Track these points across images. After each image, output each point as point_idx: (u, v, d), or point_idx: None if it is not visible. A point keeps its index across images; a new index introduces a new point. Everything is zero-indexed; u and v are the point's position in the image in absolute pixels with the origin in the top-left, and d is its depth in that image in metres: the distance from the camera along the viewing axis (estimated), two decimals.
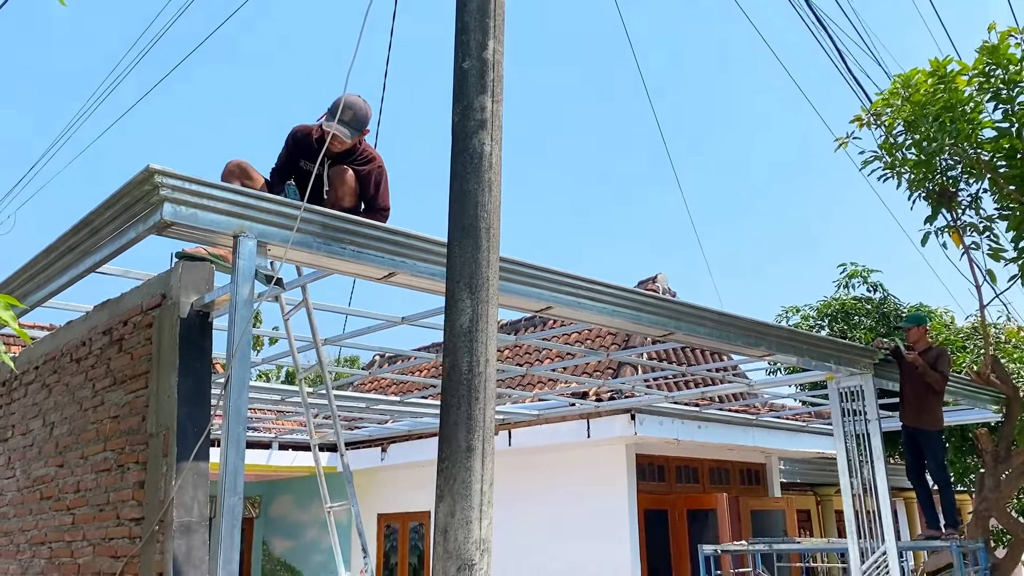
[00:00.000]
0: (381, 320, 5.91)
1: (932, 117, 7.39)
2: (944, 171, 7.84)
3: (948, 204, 7.85)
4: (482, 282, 3.74)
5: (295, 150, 4.74)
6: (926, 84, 7.41)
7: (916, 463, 7.85)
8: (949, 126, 7.28)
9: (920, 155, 7.62)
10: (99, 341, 4.68)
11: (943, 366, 7.45)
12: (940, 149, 7.48)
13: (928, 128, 7.39)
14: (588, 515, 10.20)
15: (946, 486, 7.74)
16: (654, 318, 5.56)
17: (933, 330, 13.36)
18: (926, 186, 7.88)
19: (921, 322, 7.87)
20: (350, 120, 4.59)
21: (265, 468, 13.06)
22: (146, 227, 3.70)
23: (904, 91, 7.61)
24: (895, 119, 7.83)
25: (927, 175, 7.78)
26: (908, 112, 7.53)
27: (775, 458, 12.45)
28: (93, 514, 4.31)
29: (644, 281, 12.18)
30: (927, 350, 7.66)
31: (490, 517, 3.66)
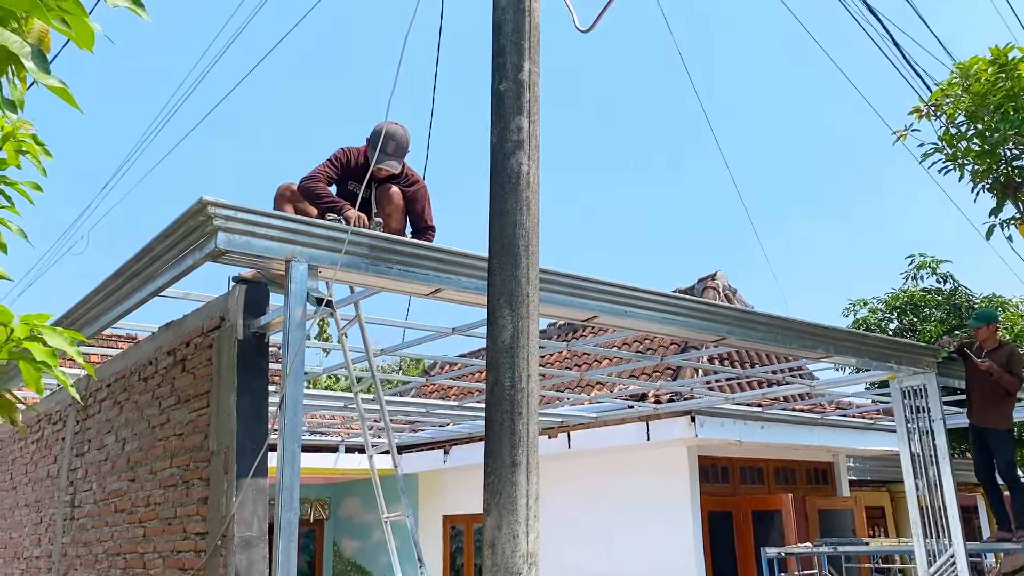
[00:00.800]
0: (433, 331, 6.04)
1: (994, 107, 7.18)
2: (1009, 161, 7.60)
3: (1014, 196, 7.61)
4: (522, 299, 3.81)
5: (344, 173, 4.89)
6: (987, 73, 7.20)
7: (984, 462, 7.63)
8: (1012, 115, 7.08)
9: (983, 146, 7.41)
10: (164, 361, 4.91)
11: (1016, 367, 7.23)
12: (1004, 139, 7.26)
13: (990, 118, 7.19)
14: (650, 517, 10.18)
15: (1016, 486, 7.50)
16: (704, 324, 5.56)
17: (1008, 321, 12.94)
18: (990, 177, 7.66)
19: (990, 320, 7.62)
20: (394, 151, 4.76)
21: (333, 471, 13.38)
22: (202, 255, 3.88)
23: (964, 81, 7.41)
24: (956, 110, 7.63)
25: (991, 166, 7.56)
26: (968, 102, 7.34)
27: (843, 456, 12.20)
28: (162, 527, 4.53)
29: (704, 279, 12.07)
30: (996, 349, 7.43)
31: (537, 531, 3.73)
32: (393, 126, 4.81)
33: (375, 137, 4.80)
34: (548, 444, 10.85)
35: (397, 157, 4.79)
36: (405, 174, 4.96)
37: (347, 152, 4.91)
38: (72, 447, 6.19)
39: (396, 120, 4.89)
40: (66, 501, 6.06)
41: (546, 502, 11.68)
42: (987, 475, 7.69)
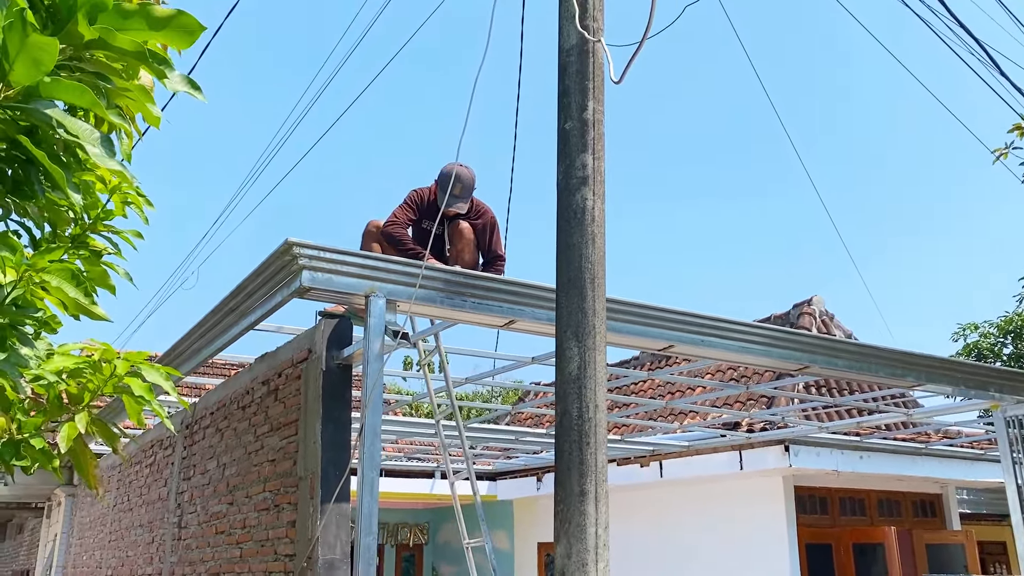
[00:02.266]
0: (513, 360, 6.18)
1: None
2: None
3: None
4: (588, 330, 3.91)
5: (419, 213, 5.15)
6: None
7: None
8: None
9: None
10: (259, 391, 5.22)
11: None
12: None
13: None
14: (745, 548, 9.97)
15: None
16: (785, 352, 5.50)
17: None
18: None
19: None
20: (460, 192, 4.99)
21: (430, 497, 13.64)
22: (289, 292, 4.15)
23: None
24: None
25: None
26: None
27: (952, 488, 11.63)
28: (256, 549, 4.80)
29: (799, 304, 11.81)
30: None
31: (607, 560, 3.78)
32: (459, 168, 5.05)
33: (443, 180, 5.05)
34: (640, 472, 10.80)
35: (464, 198, 5.03)
36: (475, 207, 5.19)
37: (419, 193, 5.17)
38: (180, 471, 6.60)
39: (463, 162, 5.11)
40: (174, 523, 6.47)
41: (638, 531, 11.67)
42: None
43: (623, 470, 11.07)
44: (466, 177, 5.05)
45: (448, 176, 5.00)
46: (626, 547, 11.56)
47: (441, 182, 5.08)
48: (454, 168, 5.04)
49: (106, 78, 1.45)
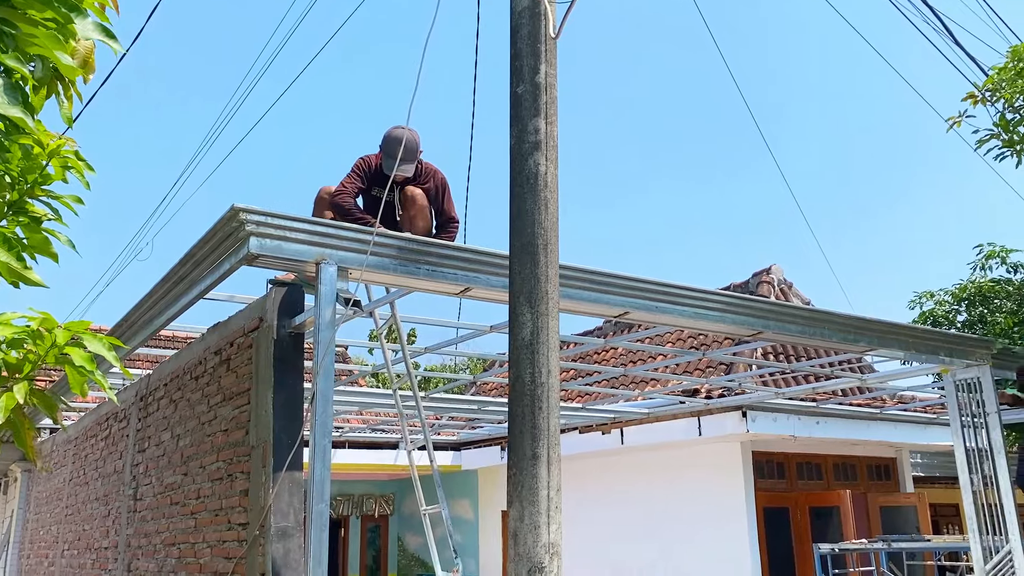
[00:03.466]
0: (471, 329, 6.16)
1: None
2: None
3: None
4: (541, 296, 3.91)
5: (367, 180, 5.08)
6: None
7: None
8: None
9: None
10: (211, 361, 5.16)
11: None
12: None
13: None
14: (705, 512, 10.14)
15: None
16: (739, 318, 5.55)
17: None
18: None
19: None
20: (405, 156, 4.91)
21: (395, 467, 13.64)
22: (237, 259, 4.08)
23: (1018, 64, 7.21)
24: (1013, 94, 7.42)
25: None
26: (1021, 86, 7.13)
27: (906, 452, 11.91)
28: (210, 519, 4.77)
29: (758, 273, 11.93)
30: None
31: (558, 522, 3.81)
32: (401, 131, 4.99)
33: (387, 145, 4.99)
34: (601, 440, 10.90)
35: (409, 160, 4.95)
36: (422, 169, 5.13)
37: (366, 161, 5.11)
38: (135, 443, 6.53)
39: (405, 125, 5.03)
40: (129, 495, 6.40)
41: (599, 497, 11.81)
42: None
43: (585, 438, 11.16)
44: (409, 140, 4.98)
45: (391, 140, 4.94)
46: (588, 513, 11.69)
47: (385, 147, 5.02)
48: (396, 132, 4.98)
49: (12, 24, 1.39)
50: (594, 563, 11.37)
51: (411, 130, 5.05)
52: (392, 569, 16.19)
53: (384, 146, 5.02)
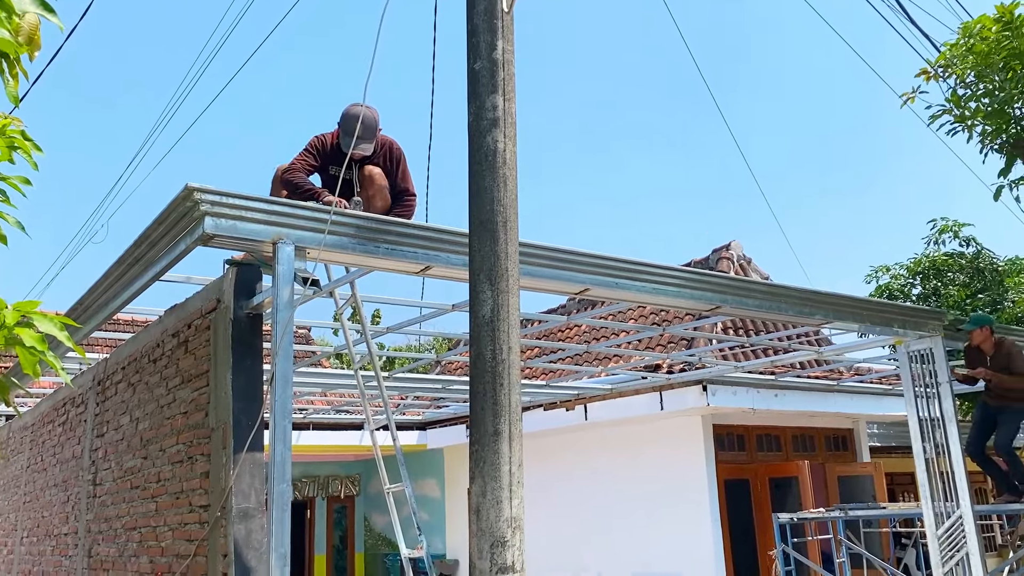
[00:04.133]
0: (433, 308, 6.16)
1: (1001, 65, 7.10)
2: (1018, 120, 7.51)
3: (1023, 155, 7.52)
4: (501, 273, 3.91)
5: (322, 160, 5.02)
6: (991, 32, 7.11)
7: (980, 440, 7.76)
8: (1020, 73, 6.99)
9: (992, 105, 7.32)
10: (170, 343, 5.10)
11: (1018, 364, 7.30)
12: (1010, 98, 7.19)
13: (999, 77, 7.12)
14: (667, 485, 10.29)
15: (1013, 457, 7.59)
16: (697, 293, 5.61)
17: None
18: (1000, 138, 7.57)
19: (983, 323, 7.54)
20: (364, 134, 4.87)
21: (360, 448, 13.62)
22: (192, 240, 4.03)
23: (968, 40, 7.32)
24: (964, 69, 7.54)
25: (1000, 126, 7.48)
26: (973, 62, 7.25)
27: (862, 423, 12.18)
28: (171, 502, 4.73)
29: (718, 249, 12.05)
30: (996, 350, 7.47)
31: (520, 496, 3.84)
32: (359, 108, 4.93)
33: (345, 122, 4.93)
34: (565, 416, 10.99)
35: (367, 139, 4.91)
36: (379, 144, 5.09)
37: (321, 139, 5.05)
38: (93, 428, 6.44)
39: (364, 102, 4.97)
40: (89, 480, 6.32)
41: (565, 472, 11.92)
42: (977, 450, 7.78)
43: (549, 414, 11.25)
44: (368, 117, 4.92)
45: (349, 118, 4.89)
46: (553, 488, 11.80)
47: (343, 125, 4.96)
48: (354, 109, 4.92)
49: None
50: (558, 538, 11.51)
51: (370, 108, 5.00)
52: (359, 549, 16.22)
53: (342, 123, 4.97)
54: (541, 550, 11.42)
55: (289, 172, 4.87)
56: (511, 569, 3.68)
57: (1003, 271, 13.88)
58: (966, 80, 7.61)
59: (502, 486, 3.79)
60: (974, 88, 7.50)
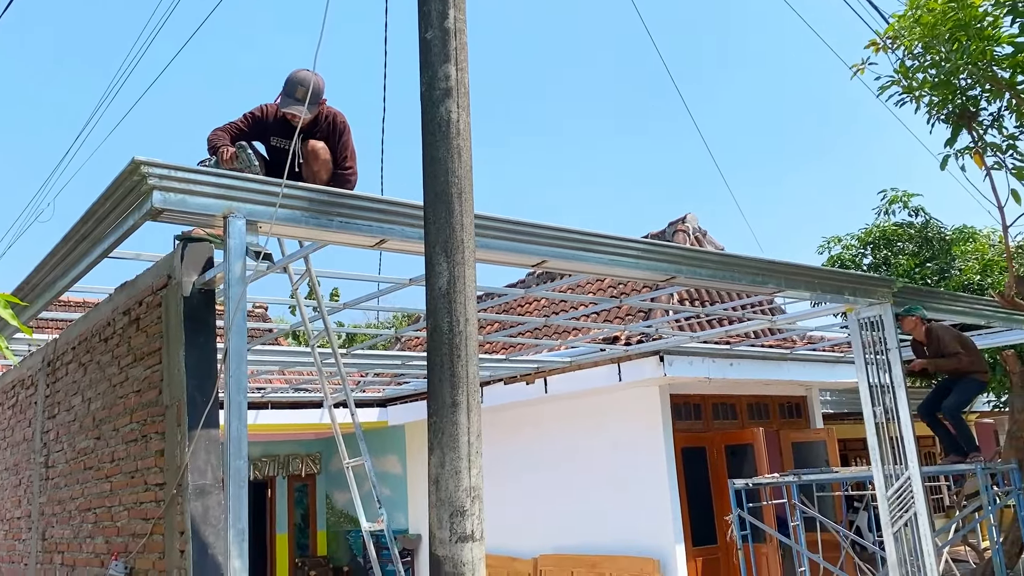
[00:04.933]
0: (391, 283, 6.13)
1: (947, 37, 7.22)
2: (963, 91, 7.66)
3: (969, 125, 7.67)
4: (457, 245, 3.91)
5: (264, 129, 4.92)
6: (938, 3, 7.22)
7: (935, 402, 8.04)
8: (965, 44, 7.12)
9: (939, 76, 7.45)
10: (120, 321, 5.01)
11: (949, 346, 7.60)
12: (956, 69, 7.32)
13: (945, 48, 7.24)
14: (626, 455, 10.43)
15: (959, 421, 7.86)
16: (653, 264, 5.66)
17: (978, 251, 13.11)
18: (946, 108, 7.72)
19: (911, 312, 7.80)
20: (303, 96, 4.77)
21: (320, 426, 13.57)
22: (140, 215, 3.95)
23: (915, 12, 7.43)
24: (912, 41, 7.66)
25: (947, 97, 7.62)
26: (920, 33, 7.37)
27: (815, 390, 12.45)
28: (126, 481, 4.68)
29: (674, 222, 12.15)
30: (928, 339, 7.75)
31: (479, 466, 3.86)
32: (303, 72, 4.84)
33: (287, 85, 4.83)
34: (526, 390, 11.05)
35: (310, 102, 4.79)
36: (324, 117, 5.00)
37: (263, 108, 4.95)
38: (44, 410, 6.32)
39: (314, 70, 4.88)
40: (40, 462, 6.21)
41: (526, 445, 12.01)
42: (929, 411, 8.05)
43: (510, 388, 11.30)
44: (310, 81, 4.81)
45: (292, 81, 4.78)
46: (515, 461, 11.90)
47: (285, 88, 4.84)
48: (300, 73, 4.81)
49: None
50: (519, 509, 11.62)
51: (316, 74, 4.90)
52: (321, 527, 16.20)
53: (285, 86, 4.85)
54: (502, 522, 11.52)
55: (213, 132, 4.74)
56: (471, 538, 3.71)
57: (951, 240, 14.24)
58: (914, 51, 7.73)
59: (461, 456, 3.81)
60: (921, 59, 7.62)
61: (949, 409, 7.90)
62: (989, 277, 12.37)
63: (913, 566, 6.98)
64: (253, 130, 4.94)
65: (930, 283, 13.17)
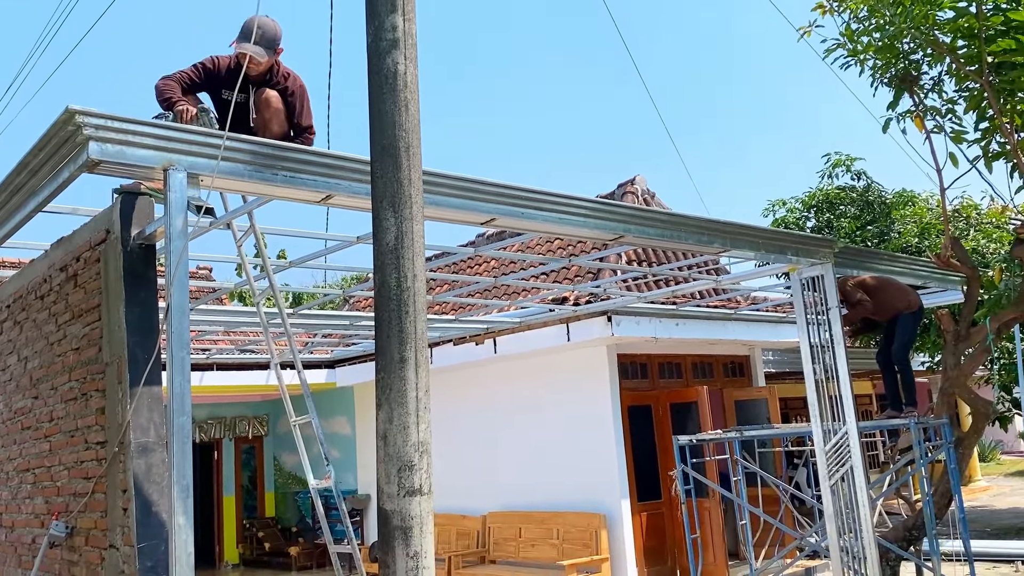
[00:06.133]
0: (338, 240, 6.06)
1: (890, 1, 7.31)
2: (906, 55, 7.78)
3: (910, 88, 7.82)
4: (405, 200, 3.87)
5: (215, 82, 4.79)
6: None
7: (886, 348, 8.25)
8: (908, 8, 7.21)
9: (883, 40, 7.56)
10: (57, 278, 4.87)
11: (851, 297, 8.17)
12: (899, 33, 7.42)
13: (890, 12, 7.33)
14: (574, 414, 10.57)
15: (906, 367, 8.08)
16: (601, 223, 5.68)
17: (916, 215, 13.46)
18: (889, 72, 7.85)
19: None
20: (260, 40, 4.64)
21: (267, 388, 13.45)
22: (76, 166, 3.82)
23: None
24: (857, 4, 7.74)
25: (890, 60, 7.74)
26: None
27: (758, 350, 12.72)
28: (66, 440, 4.58)
29: (623, 183, 12.21)
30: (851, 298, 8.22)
31: (427, 422, 3.87)
32: (262, 18, 4.70)
33: (242, 29, 4.69)
34: (475, 350, 11.08)
35: (265, 47, 4.67)
36: (280, 72, 4.88)
37: (214, 60, 4.80)
38: None
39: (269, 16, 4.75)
40: None
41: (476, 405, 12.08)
42: (885, 359, 8.27)
43: (459, 349, 11.32)
44: (268, 26, 4.67)
45: (247, 24, 4.61)
46: (465, 420, 11.96)
47: (241, 32, 4.69)
48: (257, 18, 4.66)
49: None
50: (470, 468, 11.72)
51: (274, 21, 4.76)
52: (269, 488, 16.15)
53: (241, 31, 4.68)
54: (452, 481, 11.61)
55: (162, 80, 4.58)
56: (419, 492, 3.74)
57: (891, 204, 14.60)
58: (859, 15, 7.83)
59: (409, 412, 3.81)
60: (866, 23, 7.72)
61: (896, 354, 8.19)
62: (927, 240, 12.73)
63: (848, 518, 7.23)
64: (204, 82, 4.79)
65: (870, 246, 13.50)
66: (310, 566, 14.00)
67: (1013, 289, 9.04)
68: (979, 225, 12.82)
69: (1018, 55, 6.82)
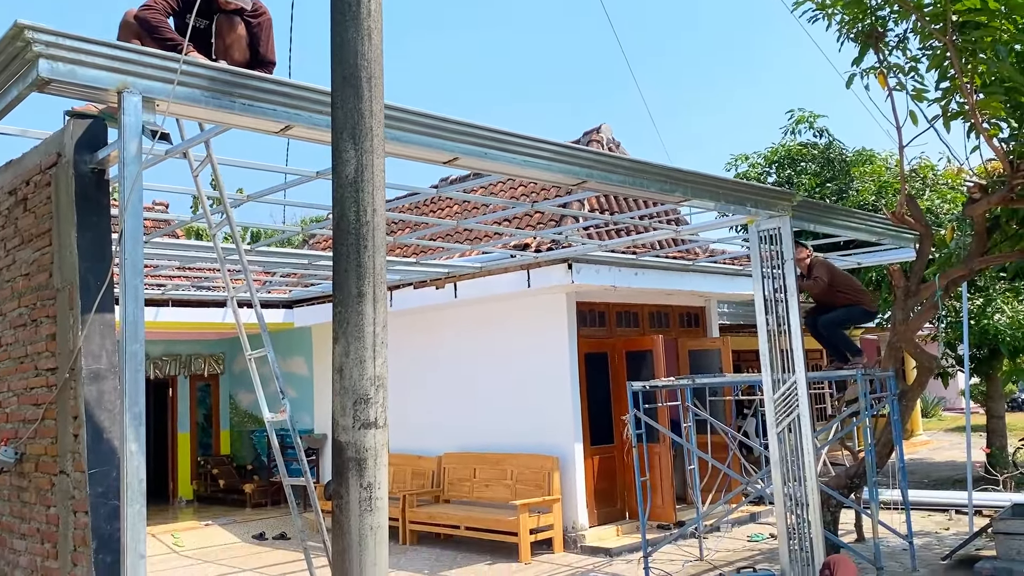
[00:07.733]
0: (298, 176, 5.97)
1: None
2: (874, 11, 7.81)
3: (875, 45, 7.86)
4: (366, 132, 3.82)
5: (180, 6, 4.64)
6: None
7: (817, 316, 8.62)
8: None
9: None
10: (6, 202, 4.75)
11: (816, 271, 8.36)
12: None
13: None
14: (532, 360, 10.67)
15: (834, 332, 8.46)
16: (565, 167, 5.67)
17: (875, 172, 13.65)
18: (856, 27, 7.87)
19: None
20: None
21: (223, 326, 13.32)
22: (25, 85, 3.70)
23: None
24: None
25: (857, 16, 7.75)
26: None
27: (714, 301, 12.91)
28: (15, 367, 4.52)
29: (589, 132, 12.17)
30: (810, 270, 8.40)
31: (384, 356, 3.87)
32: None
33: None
34: (435, 295, 11.08)
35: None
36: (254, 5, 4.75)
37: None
38: None
39: None
40: None
41: (435, 349, 12.10)
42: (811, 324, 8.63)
43: (419, 293, 11.31)
44: None
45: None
46: (424, 363, 12.01)
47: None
48: None
49: None
50: (428, 410, 11.81)
51: None
52: (225, 427, 16.12)
53: None
54: (409, 422, 11.70)
55: (148, 10, 4.42)
56: (374, 425, 3.76)
57: (851, 162, 14.76)
58: None
59: (366, 346, 3.81)
60: None
61: (825, 324, 8.50)
62: (884, 198, 12.93)
63: (794, 465, 7.45)
64: (184, 9, 4.64)
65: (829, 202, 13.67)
66: (264, 503, 14.07)
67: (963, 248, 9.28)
68: (935, 186, 13.07)
69: (982, 15, 6.88)
